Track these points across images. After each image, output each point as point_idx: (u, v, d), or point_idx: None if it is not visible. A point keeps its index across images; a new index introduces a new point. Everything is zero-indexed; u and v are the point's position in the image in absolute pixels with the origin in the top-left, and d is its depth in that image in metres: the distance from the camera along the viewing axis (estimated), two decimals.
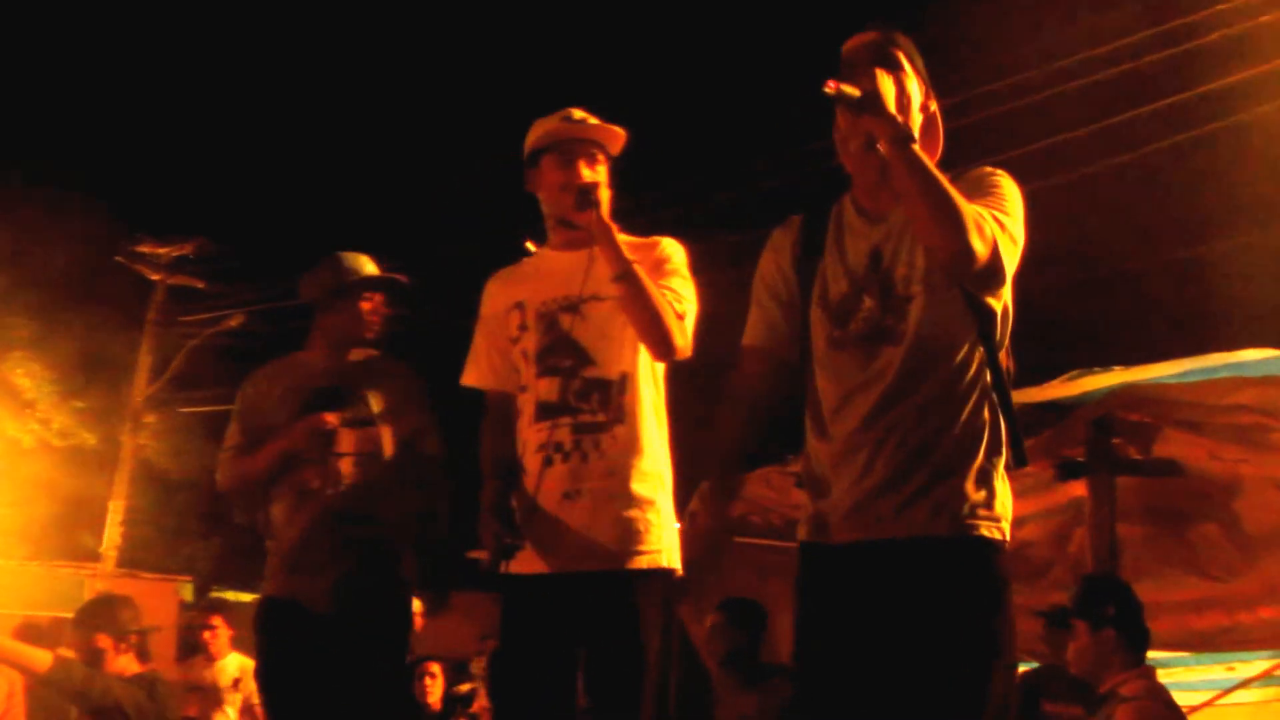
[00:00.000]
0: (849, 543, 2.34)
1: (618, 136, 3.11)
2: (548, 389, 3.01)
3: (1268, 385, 4.54)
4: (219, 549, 22.07)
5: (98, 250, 19.13)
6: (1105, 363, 5.38)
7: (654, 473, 2.98)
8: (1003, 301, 2.39)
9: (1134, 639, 3.99)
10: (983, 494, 2.31)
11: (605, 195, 2.99)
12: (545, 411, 3.00)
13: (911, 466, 2.29)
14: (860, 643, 2.30)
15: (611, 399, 2.96)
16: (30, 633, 12.08)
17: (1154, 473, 5.25)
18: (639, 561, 2.90)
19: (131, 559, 18.39)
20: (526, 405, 3.06)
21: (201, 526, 22.00)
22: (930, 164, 2.24)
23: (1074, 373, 5.45)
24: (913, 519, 2.28)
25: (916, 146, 2.24)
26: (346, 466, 3.65)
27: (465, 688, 8.11)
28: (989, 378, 2.35)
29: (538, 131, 3.11)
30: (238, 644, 6.99)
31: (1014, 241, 2.32)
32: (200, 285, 19.26)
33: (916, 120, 2.43)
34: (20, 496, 18.31)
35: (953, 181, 2.31)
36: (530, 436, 3.02)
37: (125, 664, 4.42)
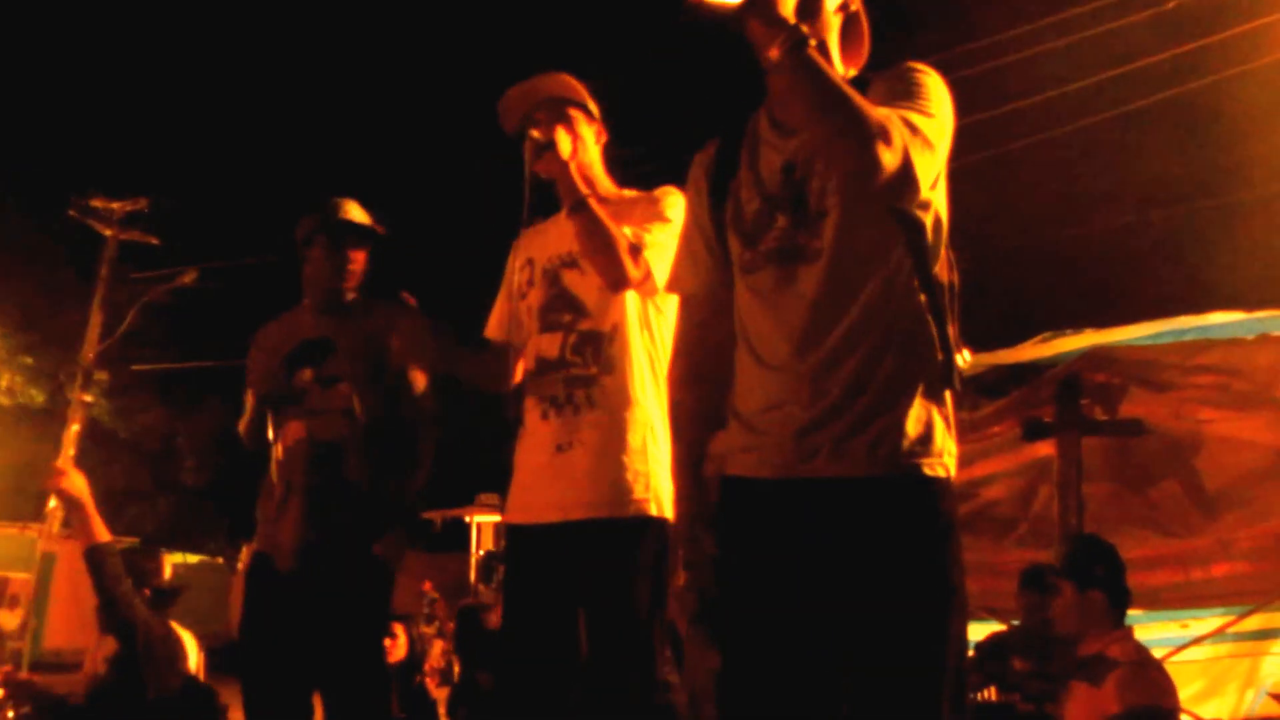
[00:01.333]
0: (780, 479, 2.13)
1: (563, 83, 3.15)
2: (549, 344, 3.07)
3: (1233, 346, 4.67)
4: (165, 510, 21.91)
5: (49, 205, 18.82)
6: (1078, 325, 5.48)
7: (644, 422, 3.00)
8: (933, 210, 2.16)
9: (1118, 600, 4.01)
10: (923, 427, 2.10)
11: (564, 139, 3.00)
12: (544, 366, 3.06)
13: (845, 397, 2.09)
14: (795, 591, 2.09)
15: (602, 350, 3.00)
16: None
17: (1119, 432, 5.35)
18: (630, 510, 2.93)
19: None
20: (529, 360, 3.11)
21: (149, 487, 21.83)
22: (826, 68, 1.99)
23: (1046, 334, 5.55)
24: (850, 455, 2.08)
25: (811, 51, 1.97)
26: (316, 426, 3.60)
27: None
28: (923, 297, 2.14)
29: (502, 111, 3.18)
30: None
31: (930, 145, 2.04)
32: (153, 241, 18.94)
33: (833, 23, 2.23)
34: None
35: (871, 83, 2.14)
36: (530, 390, 3.09)
37: None
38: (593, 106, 3.18)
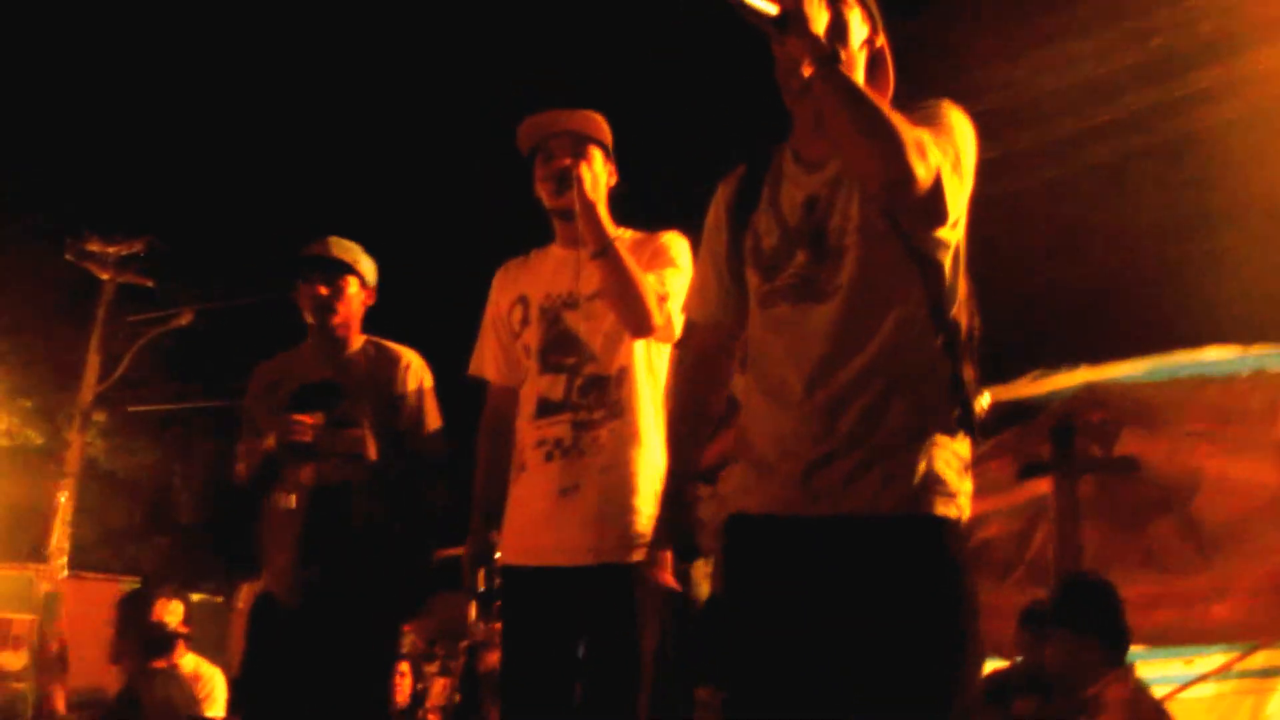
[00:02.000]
0: (788, 517, 2.11)
1: (590, 120, 3.11)
2: (550, 386, 3.02)
3: (1229, 384, 4.65)
4: (165, 549, 21.85)
5: (45, 248, 18.87)
6: (1071, 361, 5.46)
7: (652, 464, 2.96)
8: (952, 250, 2.15)
9: (1116, 641, 3.90)
10: (937, 467, 2.07)
11: (588, 176, 2.96)
12: (546, 408, 3.02)
13: (856, 436, 2.07)
14: (801, 630, 2.06)
15: (609, 394, 2.97)
16: None
17: (1115, 471, 5.35)
18: (636, 555, 2.87)
19: (77, 559, 18.12)
20: (528, 400, 3.07)
21: (146, 527, 21.79)
22: (860, 85, 2.02)
23: (1038, 371, 5.54)
24: (859, 494, 2.05)
25: (844, 68, 2.02)
26: (326, 469, 3.53)
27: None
28: (941, 338, 2.13)
29: (520, 133, 3.15)
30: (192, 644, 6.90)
31: (960, 176, 2.05)
32: (149, 284, 19.01)
33: (859, 58, 2.22)
34: None
35: (848, 98, 2.08)
36: (531, 431, 3.04)
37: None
38: (609, 146, 3.14)
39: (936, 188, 1.98)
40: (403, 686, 7.28)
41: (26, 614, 16.38)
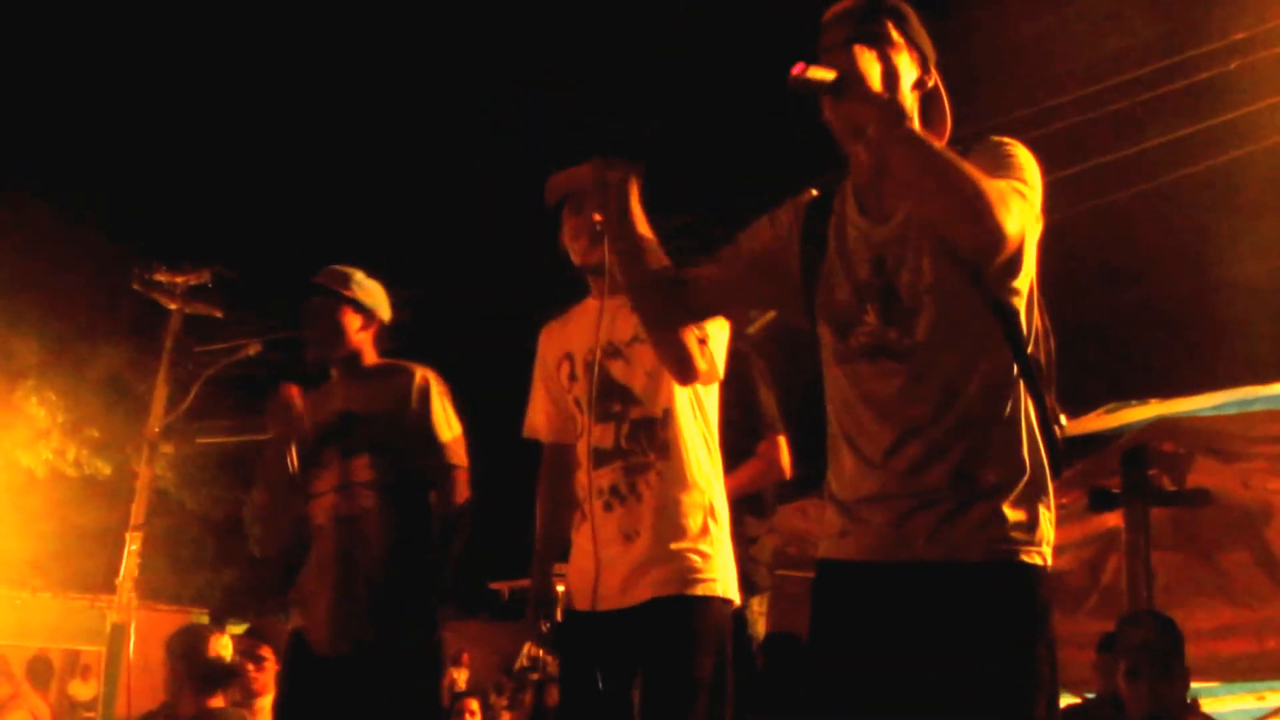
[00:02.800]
0: (875, 563, 2.13)
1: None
2: (601, 435, 3.07)
3: None
4: (232, 580, 22.00)
5: (114, 278, 19.15)
6: (1142, 395, 5.49)
7: (701, 504, 3.03)
8: (1025, 292, 2.14)
9: (1180, 676, 3.85)
10: (1023, 516, 2.08)
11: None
12: (600, 458, 3.06)
13: (944, 490, 2.07)
14: (886, 670, 2.09)
15: (656, 436, 3.02)
16: (41, 666, 12.03)
17: (1188, 503, 5.34)
18: (694, 590, 2.95)
19: (146, 590, 18.34)
20: (584, 452, 3.11)
21: (215, 558, 21.95)
22: (927, 137, 1.99)
23: (1111, 405, 5.57)
24: (947, 540, 2.06)
25: (913, 124, 2.00)
26: (340, 499, 3.54)
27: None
28: (1023, 386, 2.12)
29: (548, 187, 3.13)
30: None
31: (1037, 218, 2.05)
32: (217, 314, 19.20)
33: (910, 100, 2.17)
34: (34, 527, 18.24)
35: (960, 153, 2.07)
36: (589, 482, 3.08)
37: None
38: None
39: (1013, 237, 1.97)
40: None
41: (97, 645, 16.56)
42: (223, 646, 6.17)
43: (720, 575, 2.98)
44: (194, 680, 4.92)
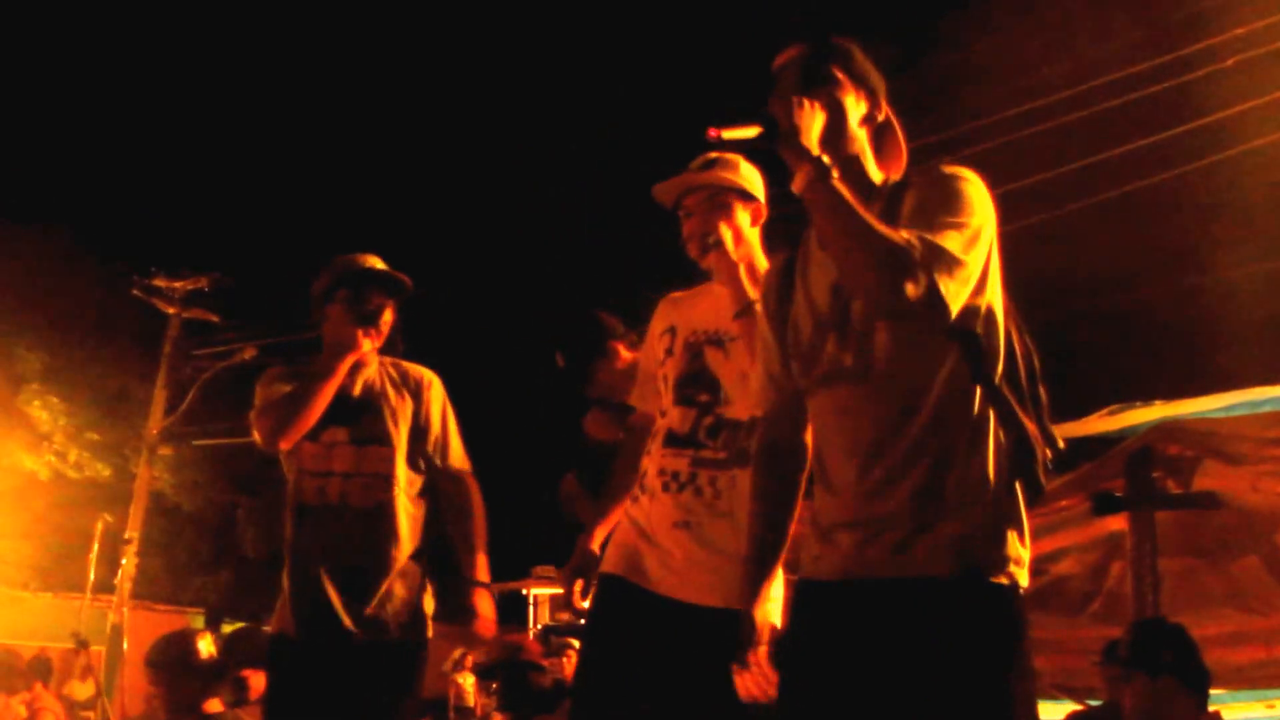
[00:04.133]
0: (845, 581, 2.14)
1: (723, 170, 3.05)
2: (681, 419, 3.00)
3: None
4: (228, 581, 22.05)
5: (113, 284, 19.22)
6: (1146, 397, 5.38)
7: None
8: (983, 311, 2.12)
9: (1194, 683, 3.79)
10: (988, 534, 2.07)
11: (728, 235, 2.95)
12: (673, 440, 3.00)
13: (909, 509, 2.08)
14: (854, 687, 2.09)
15: (737, 440, 2.92)
16: (41, 666, 11.99)
17: (1194, 506, 5.22)
18: (738, 603, 2.79)
19: (143, 591, 18.34)
20: (660, 429, 3.06)
21: (211, 559, 22.01)
22: (847, 200, 2.00)
23: (1114, 407, 5.46)
24: (911, 559, 2.07)
25: (834, 184, 2.00)
26: (355, 489, 3.44)
27: None
28: (993, 409, 2.11)
29: (656, 193, 3.13)
30: None
31: (958, 263, 2.01)
32: (214, 319, 19.28)
33: (860, 135, 2.23)
34: (36, 529, 18.28)
35: (909, 185, 2.16)
36: (656, 459, 3.02)
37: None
38: (756, 189, 3.09)
39: (928, 297, 1.96)
40: None
41: (96, 645, 16.55)
42: (208, 644, 6.04)
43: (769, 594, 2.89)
44: (188, 688, 4.83)
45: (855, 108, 2.23)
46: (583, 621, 3.10)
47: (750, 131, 2.05)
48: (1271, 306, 12.00)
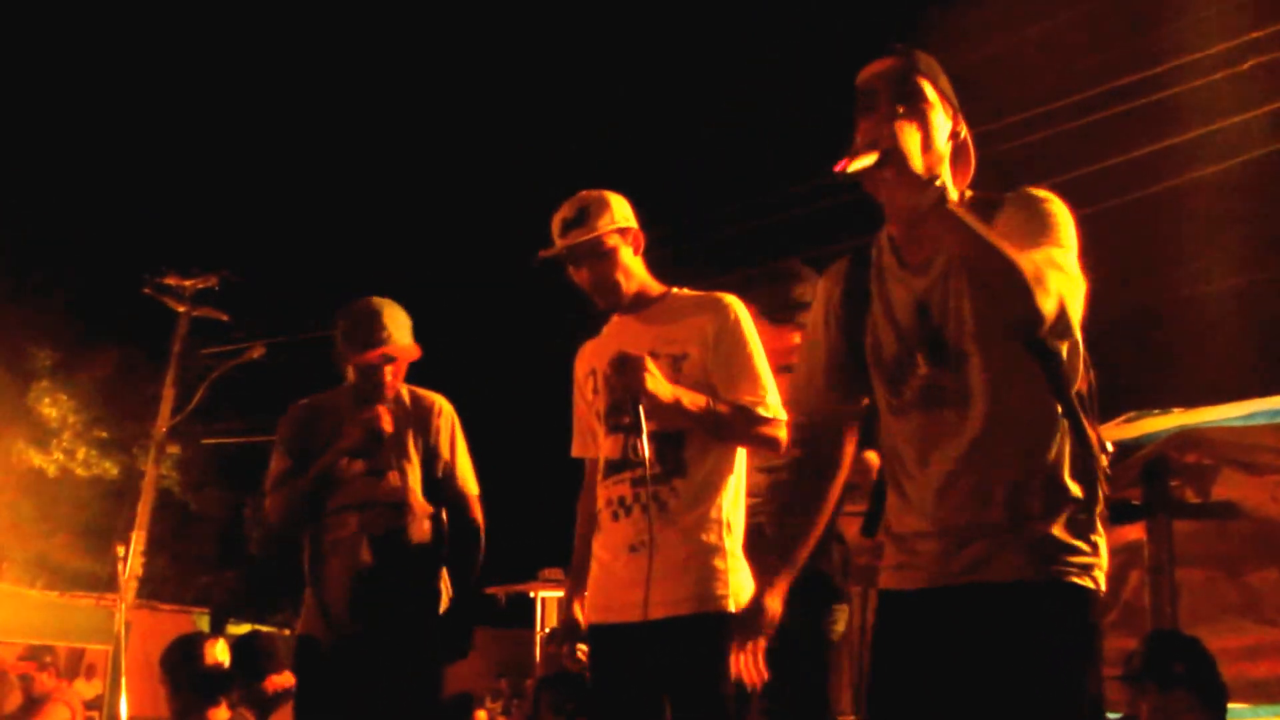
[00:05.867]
0: (930, 589, 2.21)
1: (605, 224, 3.14)
2: (611, 446, 3.12)
3: None
4: (234, 581, 22.07)
5: (123, 283, 19.28)
6: (1163, 404, 5.29)
7: (717, 520, 3.01)
8: (1069, 339, 2.19)
9: (1209, 696, 3.73)
10: (1072, 540, 2.13)
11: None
12: (611, 468, 3.11)
13: (994, 523, 2.15)
14: (940, 691, 2.17)
15: (668, 453, 3.02)
16: (51, 659, 11.95)
17: (1212, 515, 5.15)
18: (709, 606, 2.94)
19: (150, 590, 18.35)
20: (601, 463, 3.18)
21: (218, 559, 22.03)
22: (973, 223, 2.01)
23: (1131, 414, 5.37)
24: (998, 565, 2.14)
25: (955, 208, 2.03)
26: (372, 517, 3.60)
27: None
28: (1068, 422, 2.17)
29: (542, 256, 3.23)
30: None
31: (1077, 281, 2.10)
32: (223, 318, 19.33)
33: (945, 151, 2.23)
34: (43, 526, 18.30)
35: (994, 206, 2.19)
36: (601, 493, 3.15)
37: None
38: (630, 223, 3.20)
39: (1060, 313, 2.02)
40: None
41: (103, 644, 16.53)
42: (219, 652, 6.04)
43: (734, 592, 2.96)
44: (194, 693, 4.82)
45: (943, 124, 2.23)
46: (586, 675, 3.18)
47: (870, 158, 2.02)
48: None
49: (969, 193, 2.30)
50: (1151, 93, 10.74)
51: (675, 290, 3.22)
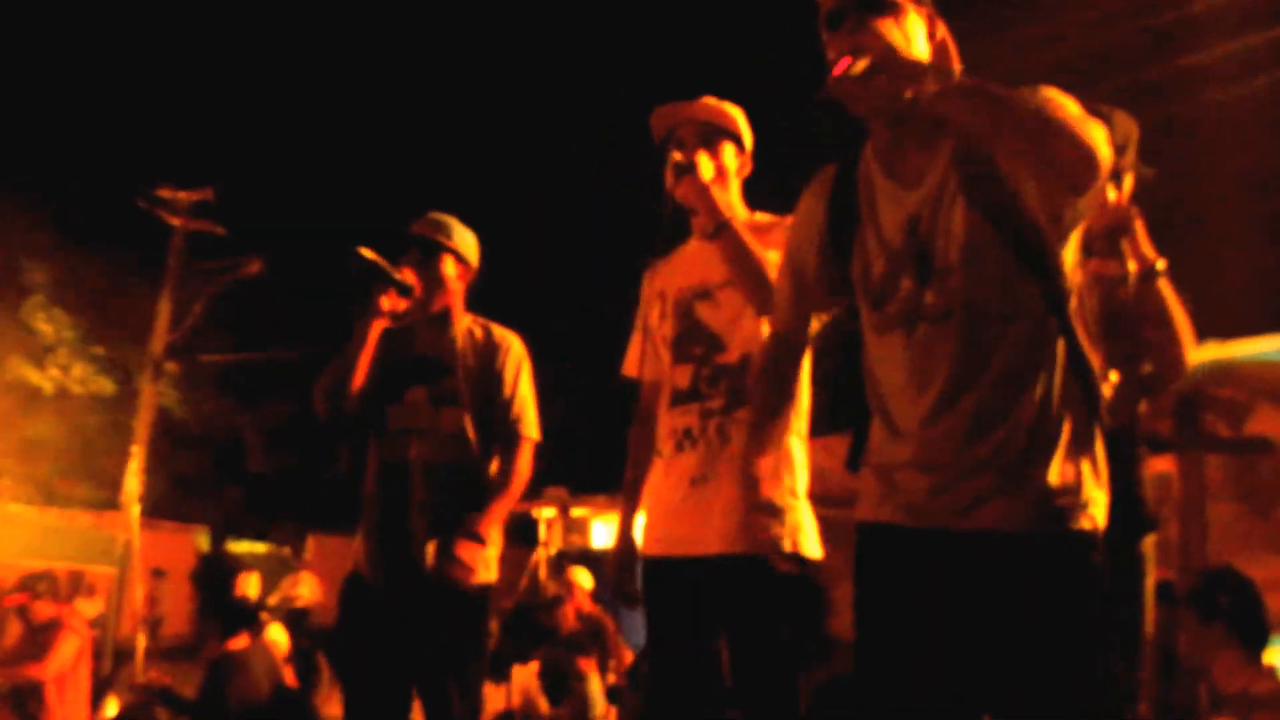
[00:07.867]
0: (918, 529, 2.10)
1: (718, 111, 3.09)
2: (681, 376, 3.04)
3: None
4: (234, 500, 22.19)
5: (116, 196, 19.03)
6: (1199, 336, 5.17)
7: (778, 456, 2.90)
8: (1068, 248, 2.10)
9: (1247, 634, 3.70)
10: (1069, 478, 2.04)
11: (705, 163, 2.95)
12: (678, 398, 3.04)
13: (985, 457, 2.04)
14: (936, 640, 2.08)
15: (736, 384, 2.95)
16: (46, 585, 11.98)
17: (1245, 450, 5.12)
18: (770, 545, 2.82)
19: (150, 508, 18.37)
20: (665, 391, 3.10)
21: (217, 476, 22.11)
22: (994, 88, 1.96)
23: None
24: (992, 511, 2.04)
25: (957, 81, 2.00)
26: (431, 447, 3.52)
27: None
28: (1063, 343, 2.08)
29: (650, 123, 3.14)
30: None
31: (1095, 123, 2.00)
32: (220, 231, 19.10)
33: (926, 53, 2.16)
34: (39, 445, 18.28)
35: (1016, 95, 2.04)
36: (666, 422, 3.08)
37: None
38: (746, 138, 3.12)
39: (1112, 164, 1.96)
40: None
41: (106, 565, 16.64)
42: (250, 586, 6.05)
43: (792, 530, 2.89)
44: (217, 621, 4.85)
45: (918, 25, 2.18)
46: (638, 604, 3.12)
47: (864, 64, 2.00)
48: None
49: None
50: None
51: (759, 217, 3.10)
